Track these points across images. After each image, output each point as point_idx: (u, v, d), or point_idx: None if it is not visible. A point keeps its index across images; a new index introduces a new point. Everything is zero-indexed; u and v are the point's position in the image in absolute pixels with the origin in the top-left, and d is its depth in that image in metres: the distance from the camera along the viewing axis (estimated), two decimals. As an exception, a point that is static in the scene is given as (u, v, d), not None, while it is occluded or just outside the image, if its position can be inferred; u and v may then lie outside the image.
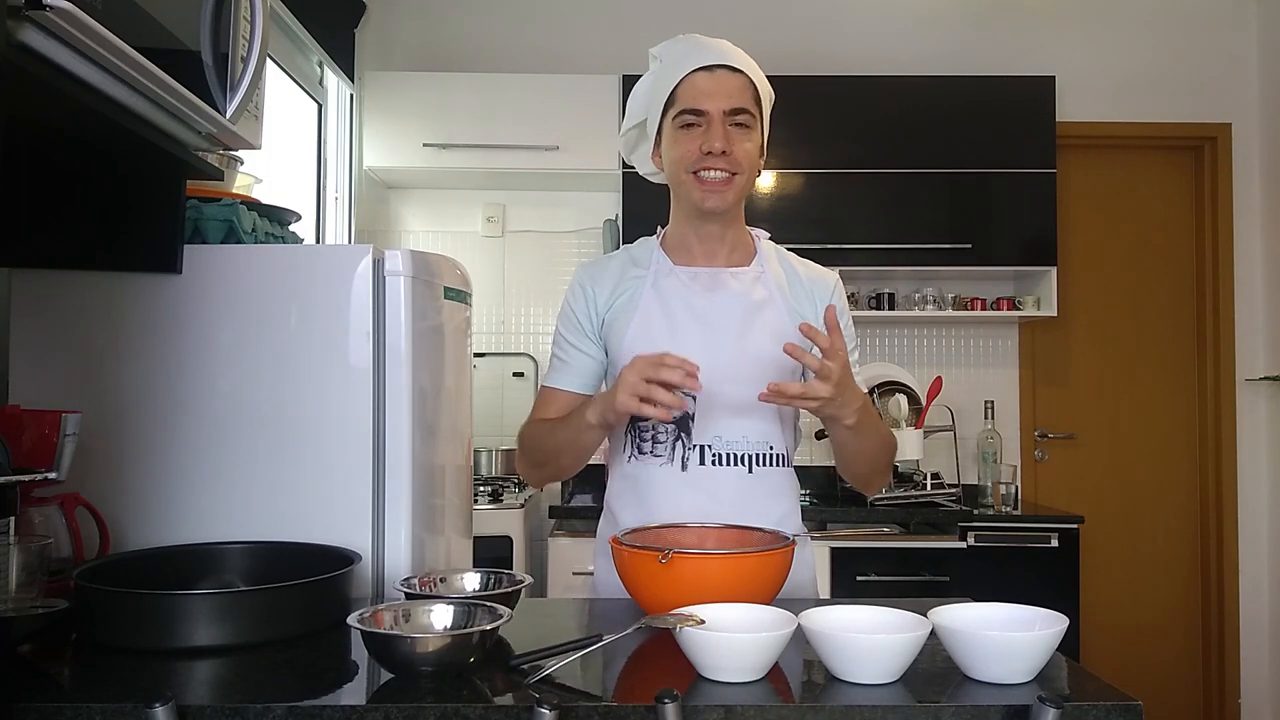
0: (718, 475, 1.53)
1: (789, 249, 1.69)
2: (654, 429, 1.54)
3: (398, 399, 1.54)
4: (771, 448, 1.56)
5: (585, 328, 1.60)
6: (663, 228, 1.66)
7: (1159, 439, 3.91)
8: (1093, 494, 3.83)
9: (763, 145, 1.58)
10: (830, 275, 1.66)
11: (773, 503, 1.56)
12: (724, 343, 1.53)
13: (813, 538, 1.64)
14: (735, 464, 1.54)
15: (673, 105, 1.53)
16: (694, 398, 1.50)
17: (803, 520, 1.64)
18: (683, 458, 1.53)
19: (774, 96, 1.62)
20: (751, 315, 1.56)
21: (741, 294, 1.57)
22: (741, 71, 1.52)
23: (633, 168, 1.72)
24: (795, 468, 1.64)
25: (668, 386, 1.33)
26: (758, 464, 1.55)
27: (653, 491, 1.54)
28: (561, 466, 1.60)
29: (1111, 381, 3.91)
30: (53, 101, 1.01)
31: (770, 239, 1.67)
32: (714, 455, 1.53)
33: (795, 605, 1.12)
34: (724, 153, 1.49)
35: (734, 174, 1.51)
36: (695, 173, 1.52)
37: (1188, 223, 3.94)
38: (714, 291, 1.57)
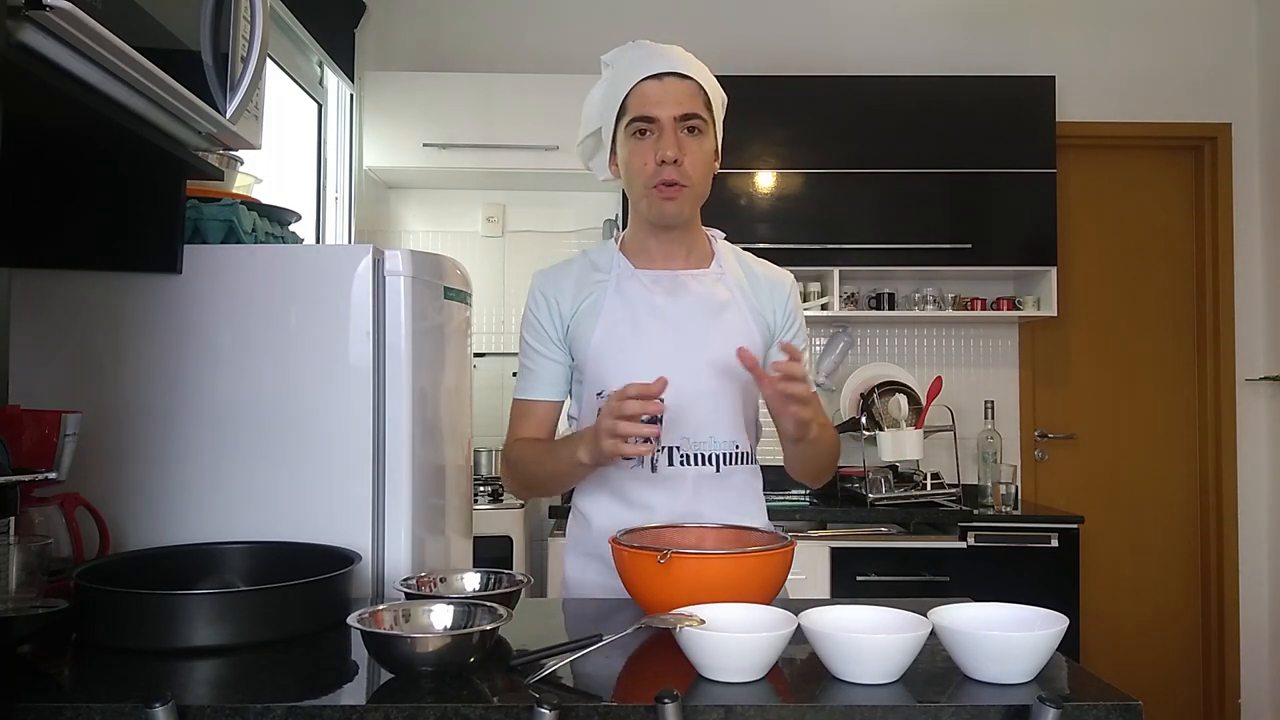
0: (687, 475, 1.54)
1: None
2: None
3: (398, 399, 1.54)
4: (738, 446, 1.58)
5: (551, 335, 1.61)
6: (621, 231, 1.67)
7: (1159, 439, 3.91)
8: (1093, 494, 3.83)
9: (717, 149, 1.60)
10: (787, 276, 1.68)
11: (741, 501, 1.59)
12: (689, 344, 1.55)
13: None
14: (704, 464, 1.55)
15: (625, 114, 1.55)
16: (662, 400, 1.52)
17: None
18: (652, 459, 1.53)
19: (726, 100, 1.63)
20: (715, 316, 1.57)
21: (704, 295, 1.59)
22: (690, 77, 1.54)
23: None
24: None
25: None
26: (725, 463, 1.57)
27: (624, 493, 1.55)
28: (550, 491, 1.65)
29: (1111, 381, 3.91)
30: (53, 101, 1.01)
31: (726, 239, 1.69)
32: (682, 456, 1.54)
33: (790, 605, 1.12)
34: (676, 161, 1.50)
35: (685, 185, 1.53)
36: (653, 186, 1.53)
37: (1188, 223, 3.94)
38: (676, 294, 1.58)
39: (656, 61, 1.53)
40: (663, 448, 1.53)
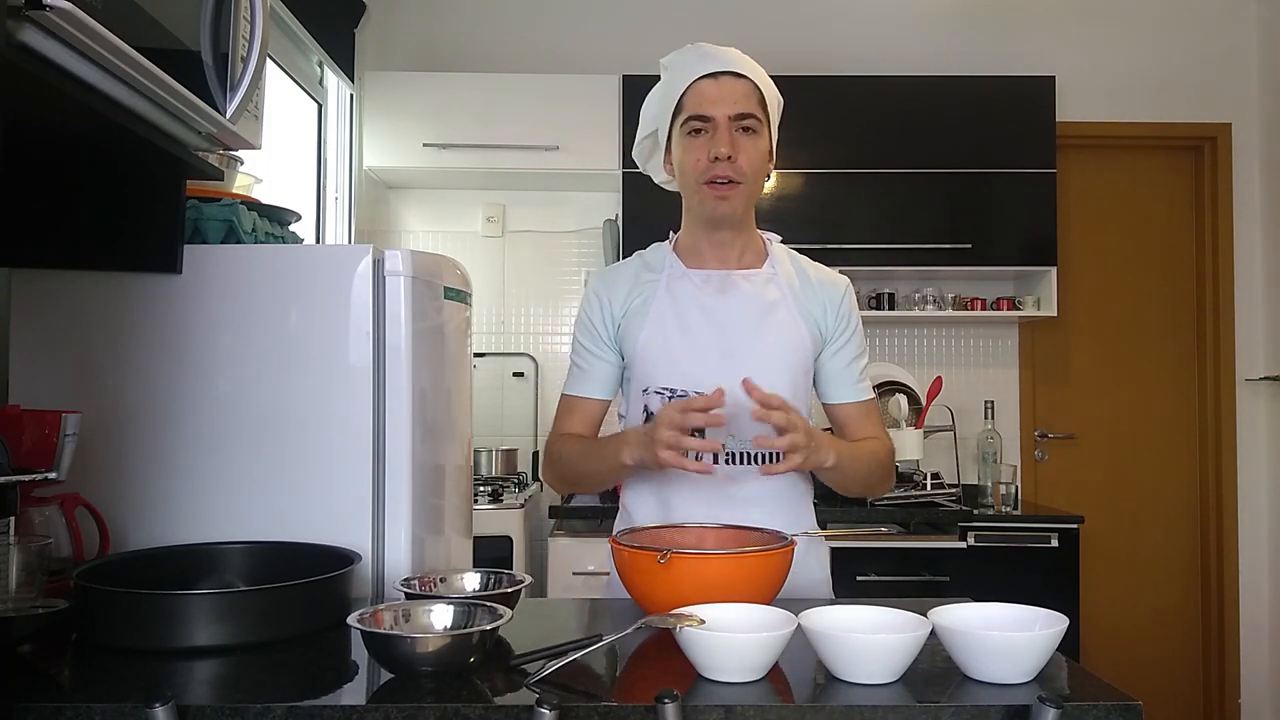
0: (735, 474, 1.54)
1: (788, 249, 1.70)
2: None
3: (398, 399, 1.54)
4: None
5: (603, 335, 1.61)
6: (675, 232, 1.67)
7: (1159, 439, 3.91)
8: (1093, 494, 3.82)
9: (771, 150, 1.60)
10: (841, 280, 1.67)
11: (789, 500, 1.59)
12: (737, 343, 1.55)
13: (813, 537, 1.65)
14: (752, 463, 1.55)
15: (680, 113, 1.55)
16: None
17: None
18: (699, 457, 1.53)
19: (782, 101, 1.63)
20: (764, 316, 1.57)
21: (754, 295, 1.59)
22: (747, 77, 1.54)
23: (633, 168, 1.73)
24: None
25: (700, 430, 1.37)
26: (773, 462, 1.55)
27: (670, 492, 1.55)
28: (590, 488, 1.65)
29: (1111, 381, 3.91)
30: (53, 102, 1.01)
31: (782, 242, 1.68)
32: (728, 455, 1.54)
33: (809, 604, 1.12)
34: (730, 158, 1.51)
35: (739, 183, 1.53)
36: (705, 183, 1.54)
37: (1188, 223, 3.94)
38: (726, 293, 1.58)
39: (712, 61, 1.54)
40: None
